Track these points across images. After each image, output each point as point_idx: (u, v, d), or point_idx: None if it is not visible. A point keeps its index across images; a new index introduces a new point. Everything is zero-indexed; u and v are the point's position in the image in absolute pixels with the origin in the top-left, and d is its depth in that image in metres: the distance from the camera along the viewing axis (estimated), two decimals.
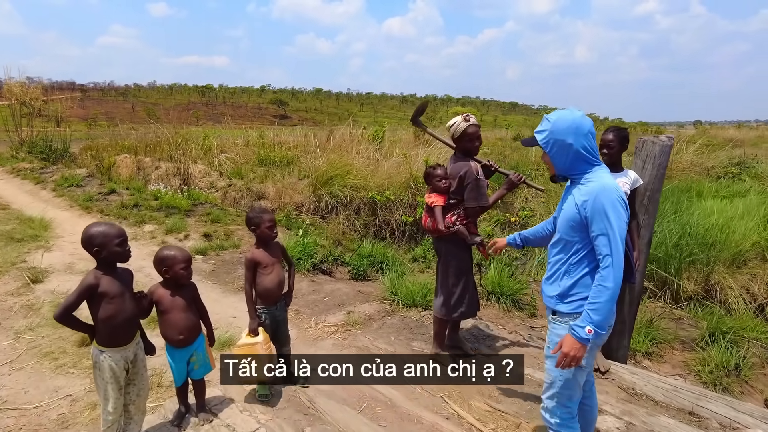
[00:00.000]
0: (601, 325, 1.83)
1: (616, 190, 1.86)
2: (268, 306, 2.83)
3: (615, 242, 1.81)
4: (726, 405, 2.73)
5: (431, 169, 3.25)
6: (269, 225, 2.78)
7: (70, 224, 7.57)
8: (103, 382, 2.22)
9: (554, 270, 2.05)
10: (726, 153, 15.74)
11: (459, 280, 3.19)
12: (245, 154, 13.69)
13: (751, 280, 5.89)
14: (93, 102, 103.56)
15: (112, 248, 2.18)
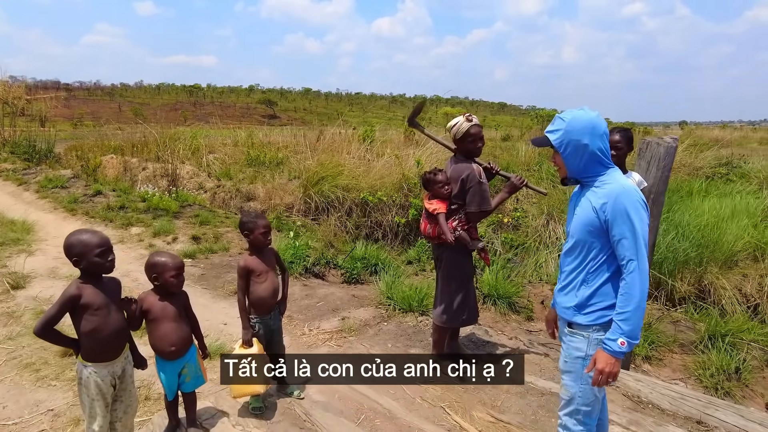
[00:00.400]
0: (633, 335, 1.75)
1: (637, 192, 1.79)
2: (261, 315, 2.71)
3: (639, 245, 1.73)
4: (735, 413, 2.67)
5: (431, 174, 3.10)
6: (264, 231, 2.66)
7: (54, 227, 7.36)
8: (89, 399, 2.09)
9: (569, 279, 1.94)
10: (713, 153, 15.91)
11: (461, 287, 3.09)
12: (234, 155, 13.52)
13: (744, 280, 5.89)
14: (78, 101, 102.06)
15: (91, 258, 2.04)
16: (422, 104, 3.65)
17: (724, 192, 9.83)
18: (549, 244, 7.36)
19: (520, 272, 6.31)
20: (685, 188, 9.62)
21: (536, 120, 40.97)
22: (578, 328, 1.90)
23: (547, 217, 8.23)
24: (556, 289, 2.04)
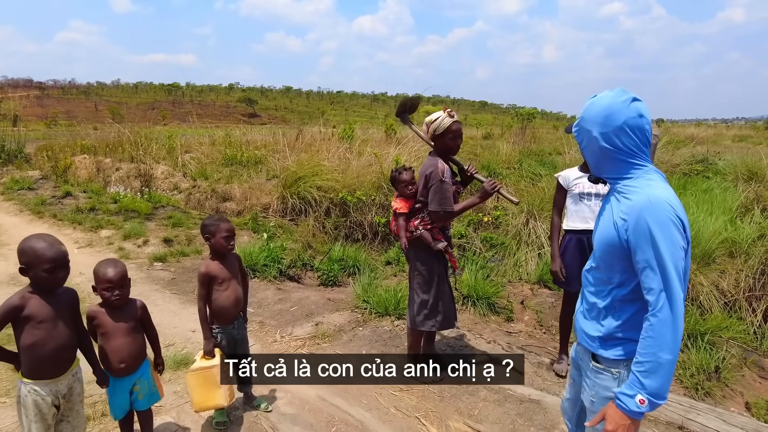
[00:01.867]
0: (658, 394, 1.36)
1: (669, 205, 1.38)
2: (224, 326, 2.55)
3: (669, 277, 1.34)
4: (716, 418, 2.61)
5: (397, 173, 3.02)
6: (226, 235, 2.50)
7: (18, 230, 7.06)
8: (27, 420, 1.92)
9: (593, 304, 1.60)
10: (690, 150, 16.17)
11: (429, 287, 2.96)
12: (211, 154, 13.26)
13: (721, 276, 5.91)
14: (53, 100, 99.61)
15: (38, 273, 1.88)
16: (417, 100, 3.44)
17: (701, 189, 9.96)
18: (529, 243, 7.32)
19: (499, 272, 6.24)
20: None
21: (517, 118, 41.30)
22: (606, 363, 1.54)
23: (528, 216, 8.18)
24: (577, 310, 1.71)
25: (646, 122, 1.46)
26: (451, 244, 3.11)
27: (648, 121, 1.47)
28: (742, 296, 5.64)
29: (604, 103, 1.48)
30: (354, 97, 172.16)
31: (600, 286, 1.57)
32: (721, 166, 12.51)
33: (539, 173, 10.20)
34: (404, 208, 2.98)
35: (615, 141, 1.46)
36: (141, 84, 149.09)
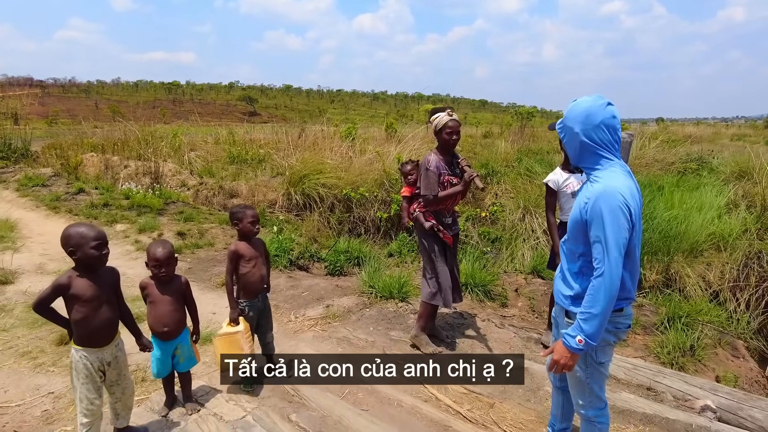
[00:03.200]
0: (593, 336, 1.74)
1: (620, 194, 1.72)
2: (250, 299, 2.91)
3: (610, 251, 1.69)
4: (680, 380, 2.97)
5: (401, 165, 3.66)
6: (252, 220, 2.87)
7: (37, 225, 7.40)
8: (79, 382, 2.22)
9: (566, 269, 1.96)
10: (685, 149, 16.48)
11: (428, 263, 3.44)
12: (215, 152, 13.58)
13: (707, 268, 6.25)
14: (53, 99, 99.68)
15: (87, 250, 2.14)
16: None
17: (693, 186, 10.30)
18: (525, 237, 7.67)
19: (496, 263, 6.59)
20: (656, 183, 10.05)
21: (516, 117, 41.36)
22: (574, 318, 1.87)
23: (524, 212, 8.54)
24: (556, 275, 2.07)
25: (617, 122, 1.84)
26: (453, 229, 3.51)
27: (618, 121, 1.85)
28: (726, 287, 6.00)
29: (585, 105, 1.83)
30: (354, 96, 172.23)
31: (570, 256, 1.94)
32: (715, 165, 12.86)
33: (536, 171, 10.51)
34: (407, 193, 3.59)
35: (593, 136, 1.81)
36: (141, 82, 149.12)
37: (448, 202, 3.38)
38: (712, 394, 2.82)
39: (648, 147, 14.49)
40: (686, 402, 2.81)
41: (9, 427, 2.65)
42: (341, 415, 2.67)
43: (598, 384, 1.95)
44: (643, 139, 14.80)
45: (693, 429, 2.55)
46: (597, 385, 1.95)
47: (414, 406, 2.77)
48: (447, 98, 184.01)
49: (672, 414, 2.66)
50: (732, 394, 2.82)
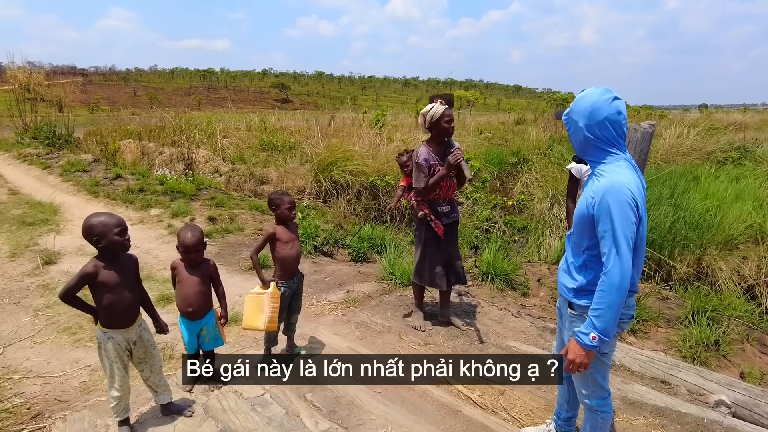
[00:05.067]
0: (605, 332, 1.74)
1: (628, 189, 1.72)
2: (287, 280, 3.07)
3: (620, 245, 1.69)
4: (696, 374, 2.95)
5: (397, 157, 3.86)
6: (289, 206, 3.02)
7: (78, 209, 7.79)
8: (108, 361, 2.37)
9: (571, 262, 1.97)
10: (727, 137, 15.80)
11: (418, 248, 3.69)
12: (247, 139, 13.85)
13: (743, 262, 6.06)
14: (94, 87, 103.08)
15: (111, 237, 2.24)
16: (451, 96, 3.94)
17: (732, 176, 9.92)
18: (553, 227, 7.60)
19: (521, 253, 6.57)
20: (692, 173, 9.72)
21: (551, 103, 40.20)
22: (579, 309, 1.92)
23: (552, 201, 8.44)
24: (560, 268, 2.08)
25: (623, 118, 1.82)
26: (452, 216, 3.65)
27: (625, 117, 1.83)
28: (763, 281, 5.80)
29: (590, 100, 1.80)
30: (385, 82, 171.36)
31: (575, 249, 1.95)
32: (759, 154, 12.31)
33: (568, 159, 10.34)
34: (404, 182, 3.90)
35: (596, 132, 1.80)
36: (177, 69, 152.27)
37: (441, 190, 3.50)
38: (728, 389, 2.79)
39: (687, 135, 13.98)
40: (700, 396, 2.79)
41: (51, 396, 2.87)
42: (355, 396, 2.78)
43: (601, 374, 1.98)
44: (681, 127, 14.29)
45: (705, 423, 2.54)
46: (600, 375, 1.98)
47: (425, 390, 2.86)
48: (480, 83, 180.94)
49: (684, 407, 2.66)
50: (749, 390, 2.79)
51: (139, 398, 2.75)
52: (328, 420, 2.55)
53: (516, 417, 2.63)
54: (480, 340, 3.54)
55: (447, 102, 3.63)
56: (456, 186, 3.60)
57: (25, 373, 3.11)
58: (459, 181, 3.59)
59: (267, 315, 2.90)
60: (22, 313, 4.01)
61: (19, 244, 5.75)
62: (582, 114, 1.81)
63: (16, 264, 5.16)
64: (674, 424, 2.56)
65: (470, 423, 2.56)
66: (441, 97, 3.54)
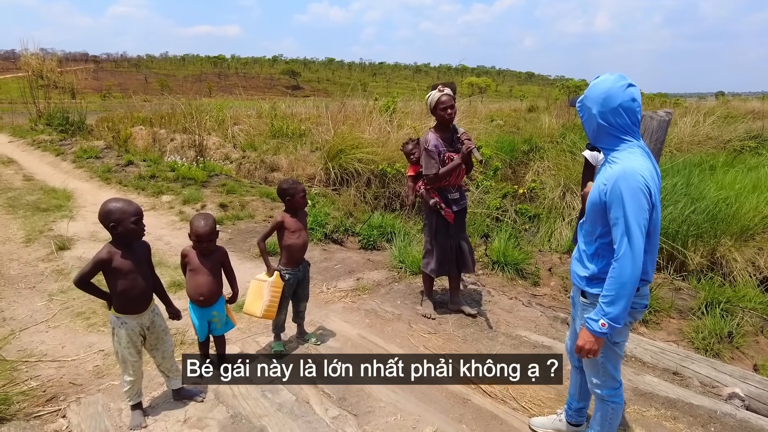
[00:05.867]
0: (616, 319, 1.73)
1: (641, 176, 1.69)
2: (293, 268, 3.07)
3: (632, 232, 1.68)
4: (708, 366, 2.91)
5: (402, 145, 3.78)
6: (302, 195, 3.04)
7: (91, 195, 7.87)
8: (121, 346, 2.39)
9: (583, 251, 1.95)
10: (745, 126, 15.48)
11: (428, 237, 3.67)
12: (258, 126, 13.84)
13: (758, 253, 5.96)
14: (106, 73, 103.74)
15: (127, 225, 2.26)
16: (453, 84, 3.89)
17: (749, 165, 9.73)
18: (564, 216, 7.53)
19: (532, 241, 6.52)
20: (708, 162, 9.56)
21: (564, 91, 39.63)
22: (591, 298, 1.90)
23: (564, 189, 8.35)
24: (573, 256, 2.06)
25: (637, 105, 1.78)
26: (461, 203, 3.63)
27: (639, 104, 1.79)
28: None
29: (604, 86, 1.77)
30: (396, 69, 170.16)
31: (588, 237, 1.93)
32: None
33: (580, 147, 10.22)
34: (411, 172, 3.77)
35: (610, 119, 1.77)
36: (188, 56, 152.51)
37: (451, 177, 3.48)
38: (742, 381, 2.75)
39: (702, 124, 13.73)
40: (713, 389, 2.76)
41: (65, 379, 2.92)
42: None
43: (613, 364, 1.96)
44: (697, 116, 14.03)
45: (717, 416, 2.51)
46: (611, 365, 1.96)
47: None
48: (492, 70, 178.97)
49: (696, 400, 2.63)
50: (763, 383, 2.75)
51: (151, 383, 2.78)
52: (338, 407, 2.56)
53: (526, 407, 2.62)
54: (490, 327, 3.53)
55: (450, 89, 3.58)
56: (465, 172, 3.59)
57: (40, 357, 3.16)
58: (467, 168, 3.57)
59: (265, 303, 2.95)
60: (37, 297, 4.07)
61: (34, 230, 5.83)
62: (596, 101, 1.78)
63: (31, 249, 5.24)
64: (686, 416, 2.54)
65: (480, 412, 2.55)
66: (443, 85, 3.50)
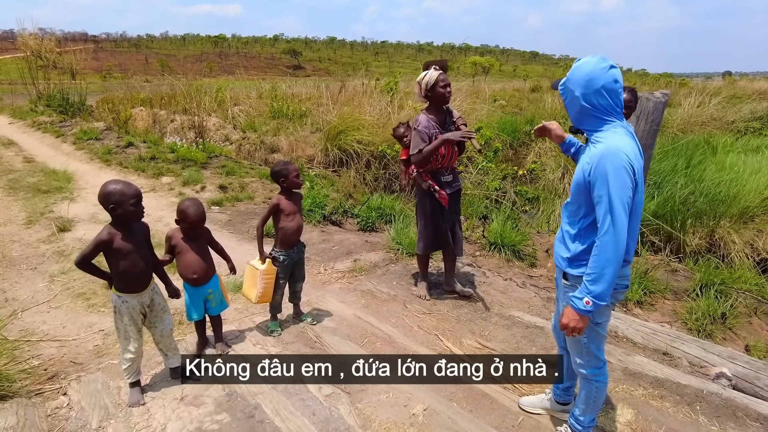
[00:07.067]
0: (600, 297, 1.74)
1: (624, 154, 1.70)
2: (287, 250, 3.10)
3: (615, 209, 1.69)
4: (698, 346, 2.95)
5: (394, 129, 3.77)
6: (296, 174, 3.04)
7: (92, 176, 7.89)
8: (123, 324, 2.45)
9: (566, 231, 1.97)
10: (750, 106, 15.31)
11: (421, 219, 3.68)
12: (258, 107, 13.76)
13: (757, 235, 5.96)
14: (106, 54, 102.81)
15: (127, 207, 2.29)
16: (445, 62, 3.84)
17: (752, 147, 9.66)
18: (564, 197, 7.51)
19: (531, 223, 6.53)
20: (710, 143, 9.49)
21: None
22: (573, 280, 1.92)
23: (564, 171, 8.33)
24: (555, 239, 2.07)
25: (619, 86, 1.79)
26: (454, 186, 3.62)
27: (621, 85, 1.79)
28: None
29: (587, 68, 1.78)
30: (399, 48, 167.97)
31: (571, 217, 1.94)
32: None
33: None
34: (404, 155, 3.74)
35: (593, 101, 1.78)
36: (188, 36, 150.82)
37: (444, 159, 3.45)
38: (730, 361, 2.79)
39: (707, 104, 13.59)
40: (702, 369, 2.80)
41: (66, 358, 2.98)
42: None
43: (596, 344, 1.99)
44: (702, 96, 13.88)
45: (704, 395, 2.55)
46: (594, 345, 1.99)
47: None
48: (495, 49, 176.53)
49: (684, 379, 2.67)
50: (751, 363, 2.79)
51: (149, 362, 2.84)
52: (332, 385, 2.61)
53: (517, 386, 2.67)
54: (485, 308, 3.57)
55: (441, 67, 3.54)
56: (457, 154, 3.56)
57: (42, 336, 3.22)
58: (460, 149, 3.54)
59: (259, 290, 3.02)
60: (38, 278, 4.13)
61: (35, 212, 5.87)
62: (579, 83, 1.79)
63: (32, 231, 5.28)
64: (673, 395, 2.58)
65: (471, 390, 2.60)
66: (435, 63, 3.46)
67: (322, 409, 2.42)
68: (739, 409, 2.46)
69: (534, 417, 2.42)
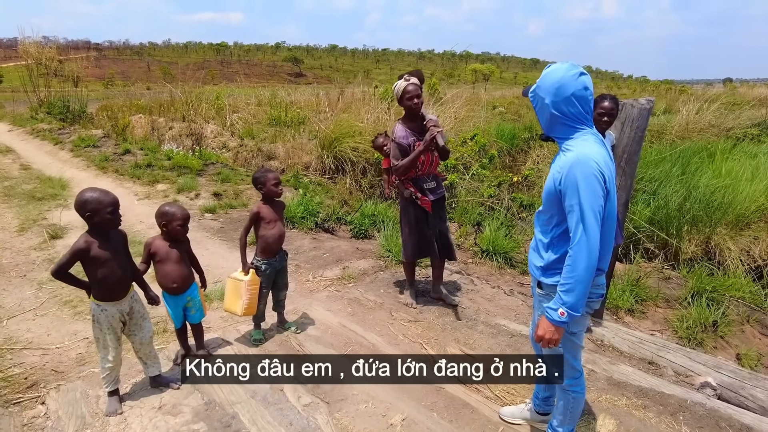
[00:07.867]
0: (574, 307, 1.72)
1: (594, 162, 1.69)
2: (268, 258, 3.08)
3: (587, 218, 1.67)
4: (684, 355, 2.92)
5: (373, 140, 3.86)
6: (275, 182, 3.02)
7: (87, 184, 7.87)
8: (102, 333, 2.44)
9: (539, 240, 1.95)
10: (749, 113, 15.28)
11: (405, 227, 3.67)
12: (257, 114, 13.80)
13: (753, 242, 5.93)
14: (109, 61, 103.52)
15: (104, 215, 2.27)
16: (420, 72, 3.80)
17: (749, 154, 9.63)
18: None
19: (525, 230, 6.50)
20: (707, 149, 9.46)
21: None
22: (547, 289, 1.90)
23: None
24: (530, 247, 2.04)
25: (589, 94, 1.77)
26: (438, 192, 3.62)
27: (591, 93, 1.78)
28: None
29: (556, 76, 1.75)
30: (400, 55, 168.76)
31: (544, 226, 1.92)
32: None
33: None
34: (386, 164, 3.83)
35: (563, 109, 1.76)
36: (191, 44, 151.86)
37: (424, 165, 3.44)
38: (715, 371, 2.76)
39: (705, 111, 13.58)
40: (687, 378, 2.77)
41: (48, 366, 2.96)
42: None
43: (572, 354, 1.97)
44: (700, 103, 13.87)
45: (687, 405, 2.52)
46: (570, 355, 1.97)
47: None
48: (496, 56, 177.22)
49: (668, 389, 2.64)
50: (736, 373, 2.76)
51: (130, 370, 2.82)
52: (311, 394, 2.59)
53: (499, 395, 2.64)
54: (470, 316, 3.54)
55: (417, 78, 3.52)
56: (438, 160, 3.53)
57: (25, 345, 3.21)
58: (442, 156, 3.47)
59: (244, 302, 2.98)
60: (27, 286, 4.12)
61: (28, 219, 5.88)
62: (548, 91, 1.77)
63: (24, 238, 5.28)
64: (657, 405, 2.55)
65: (452, 400, 2.58)
66: (410, 74, 3.45)
67: (300, 419, 2.40)
68: (723, 419, 2.43)
69: (514, 427, 2.40)
